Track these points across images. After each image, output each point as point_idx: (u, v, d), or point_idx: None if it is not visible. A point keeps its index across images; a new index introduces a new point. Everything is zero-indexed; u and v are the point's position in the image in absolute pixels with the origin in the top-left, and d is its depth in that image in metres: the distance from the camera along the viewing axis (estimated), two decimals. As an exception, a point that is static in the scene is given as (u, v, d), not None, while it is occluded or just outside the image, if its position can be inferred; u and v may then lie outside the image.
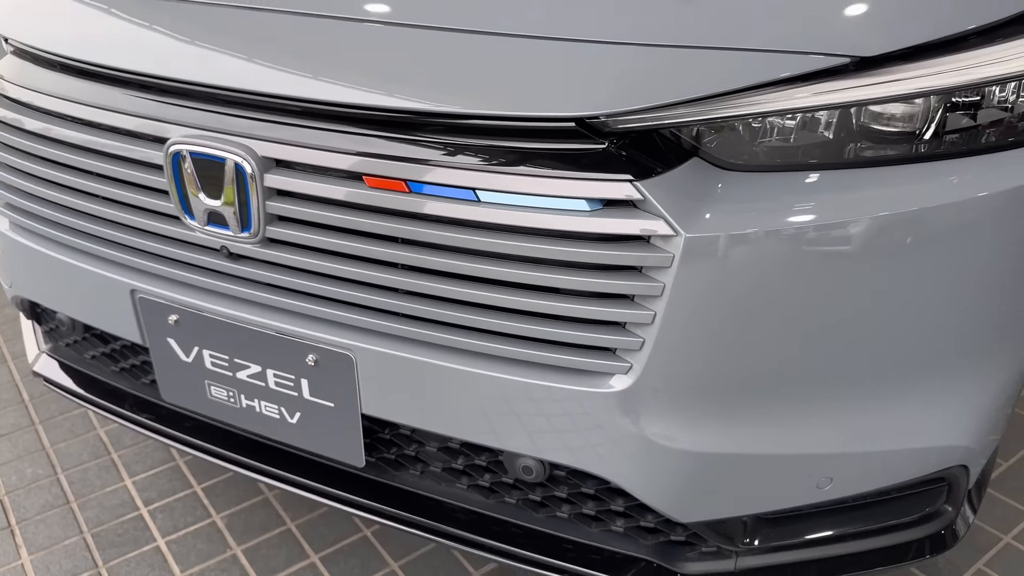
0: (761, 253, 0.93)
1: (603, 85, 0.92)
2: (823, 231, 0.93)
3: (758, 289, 0.94)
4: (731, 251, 0.92)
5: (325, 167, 1.02)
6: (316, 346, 1.12)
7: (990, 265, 1.00)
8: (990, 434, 1.17)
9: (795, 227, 0.93)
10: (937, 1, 0.97)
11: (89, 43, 1.18)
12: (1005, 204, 0.97)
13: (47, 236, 1.32)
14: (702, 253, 0.92)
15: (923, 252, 0.96)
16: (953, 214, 0.95)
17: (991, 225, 0.98)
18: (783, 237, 0.92)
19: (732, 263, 0.93)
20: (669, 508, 1.07)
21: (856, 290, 0.96)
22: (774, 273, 0.94)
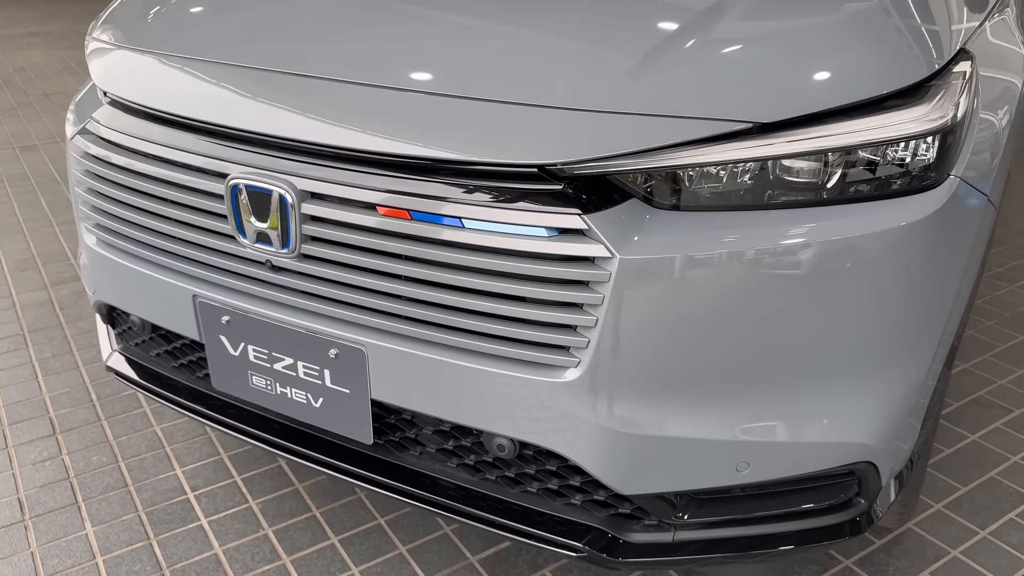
0: (679, 273, 1.19)
1: (559, 141, 1.20)
2: (727, 257, 1.18)
3: (677, 301, 1.20)
4: (655, 271, 1.18)
5: (348, 199, 1.31)
6: (336, 342, 1.40)
7: (868, 291, 1.23)
8: (896, 439, 1.39)
9: (705, 253, 1.18)
10: (819, 81, 1.23)
11: (168, 96, 1.49)
12: (876, 243, 1.21)
13: (127, 251, 1.63)
14: (633, 271, 1.18)
15: (806, 276, 1.20)
16: (831, 248, 1.20)
17: (870, 259, 1.22)
18: (696, 261, 1.18)
19: (656, 280, 1.19)
20: (612, 480, 1.31)
21: (754, 305, 1.21)
22: (689, 289, 1.19)
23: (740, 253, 1.18)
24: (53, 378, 2.61)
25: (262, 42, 1.52)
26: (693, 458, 1.30)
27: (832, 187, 1.22)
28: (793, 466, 1.33)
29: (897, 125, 1.22)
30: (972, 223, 1.35)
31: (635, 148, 1.18)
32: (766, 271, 1.20)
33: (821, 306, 1.23)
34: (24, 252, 3.52)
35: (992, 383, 2.59)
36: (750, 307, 1.22)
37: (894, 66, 1.26)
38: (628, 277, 1.18)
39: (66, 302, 3.09)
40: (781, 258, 1.20)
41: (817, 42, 1.30)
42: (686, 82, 1.23)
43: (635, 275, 1.18)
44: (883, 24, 1.34)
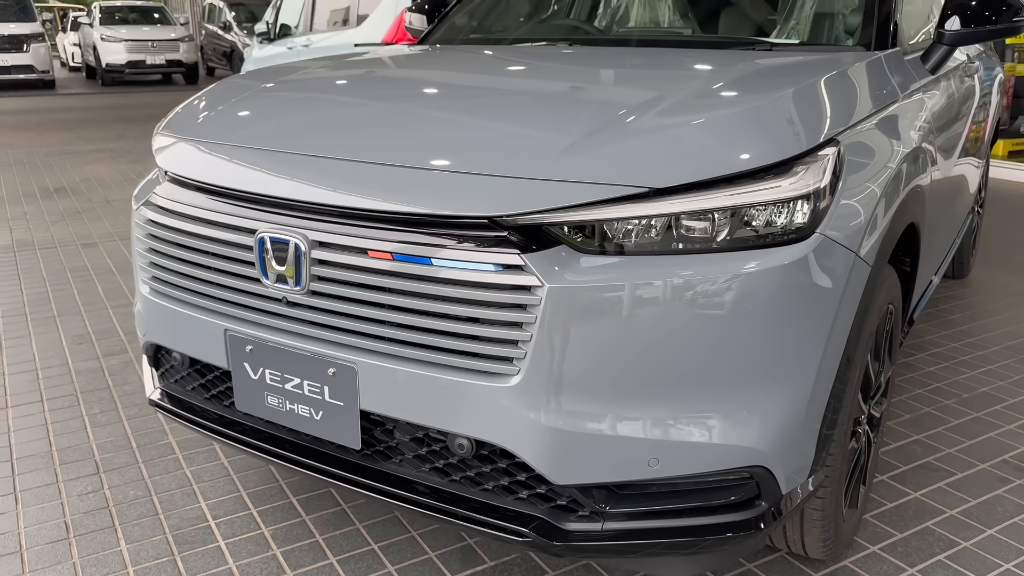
0: (594, 299, 1.54)
1: (503, 199, 1.58)
2: (633, 288, 1.54)
3: (593, 322, 1.54)
4: (575, 296, 1.54)
5: (346, 246, 1.69)
6: (334, 362, 1.75)
7: (748, 319, 1.57)
8: (787, 450, 1.68)
9: (616, 284, 1.54)
10: (703, 157, 1.61)
11: (213, 172, 1.93)
12: (754, 280, 1.56)
13: (174, 296, 2.03)
14: (558, 296, 1.53)
15: (696, 306, 1.55)
16: (717, 283, 1.54)
17: (750, 293, 1.56)
18: (607, 290, 1.54)
19: (576, 304, 1.54)
20: (548, 471, 1.62)
21: (655, 328, 1.55)
22: (603, 312, 1.54)
23: (644, 285, 1.53)
24: (100, 429, 2.98)
25: (280, 132, 1.97)
26: (613, 452, 1.61)
27: (718, 238, 1.58)
28: (697, 464, 1.63)
29: (766, 191, 1.59)
30: (839, 271, 1.69)
31: (559, 205, 1.56)
32: (664, 301, 1.55)
33: (709, 331, 1.56)
34: (81, 329, 3.96)
35: (941, 451, 2.83)
36: (652, 329, 1.56)
37: (767, 147, 1.64)
38: (555, 301, 1.54)
39: (115, 370, 3.49)
40: (677, 291, 1.55)
41: (707, 129, 1.70)
42: (601, 158, 1.62)
43: (560, 299, 1.54)
44: (763, 118, 1.73)
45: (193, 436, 2.92)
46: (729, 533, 1.67)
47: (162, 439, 2.91)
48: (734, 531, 1.67)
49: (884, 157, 1.99)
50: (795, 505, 1.76)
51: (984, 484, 2.63)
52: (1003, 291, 4.52)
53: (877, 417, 2.34)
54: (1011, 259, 5.14)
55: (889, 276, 2.11)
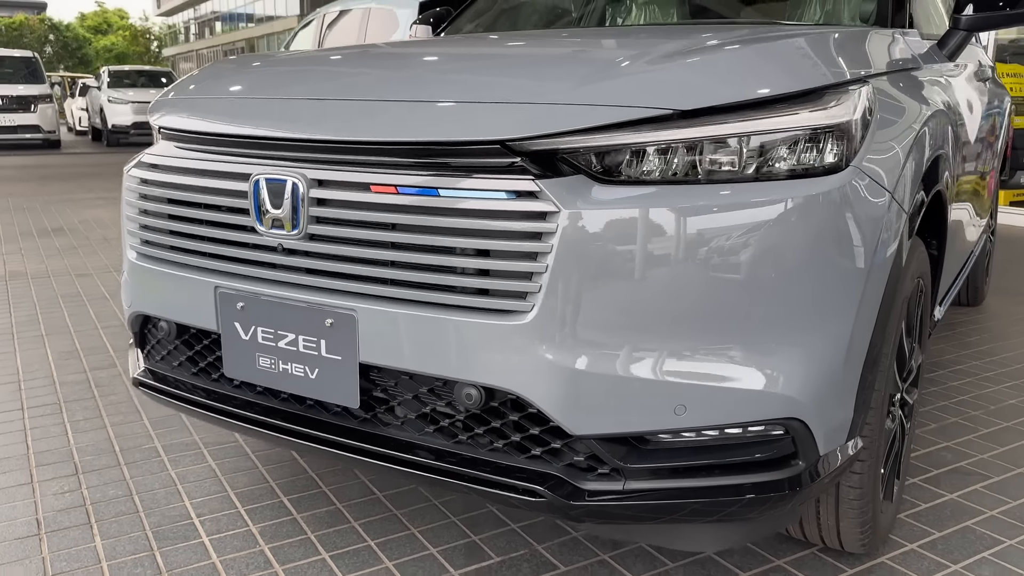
0: (616, 227, 1.42)
1: (517, 121, 1.48)
2: (658, 216, 1.42)
3: (614, 251, 1.42)
4: (594, 224, 1.42)
5: (347, 182, 1.58)
6: (332, 310, 1.62)
7: (780, 252, 1.45)
8: (824, 403, 1.54)
9: (639, 211, 1.42)
10: (733, 82, 1.52)
11: (206, 120, 1.83)
12: (786, 210, 1.44)
13: (162, 258, 1.90)
14: (575, 223, 1.42)
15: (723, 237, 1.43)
16: (746, 213, 1.43)
17: (782, 223, 1.44)
18: (630, 217, 1.42)
19: (595, 232, 1.42)
20: (565, 419, 1.47)
21: (680, 261, 1.43)
22: (624, 241, 1.42)
23: (667, 215, 1.42)
24: (82, 435, 2.81)
25: (276, 84, 1.88)
26: (635, 398, 1.46)
27: (746, 168, 1.47)
28: (727, 414, 1.49)
29: (797, 118, 1.49)
30: (874, 208, 1.58)
31: (577, 127, 1.45)
32: (689, 232, 1.43)
33: (737, 266, 1.44)
34: (69, 346, 3.82)
35: (973, 457, 2.67)
36: (676, 262, 1.43)
37: (798, 75, 1.55)
38: (572, 228, 1.42)
39: (102, 381, 3.34)
40: (702, 222, 1.43)
41: (735, 57, 1.61)
42: (623, 83, 1.53)
43: (578, 227, 1.42)
44: (791, 50, 1.64)
45: (180, 440, 2.76)
46: (764, 493, 1.51)
47: (147, 443, 2.74)
48: (768, 492, 1.52)
49: (912, 113, 1.89)
50: (834, 469, 1.60)
51: (1022, 487, 2.46)
52: (1018, 318, 4.40)
53: (910, 404, 2.19)
54: (1023, 290, 5.05)
55: (918, 246, 2.00)
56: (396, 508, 2.30)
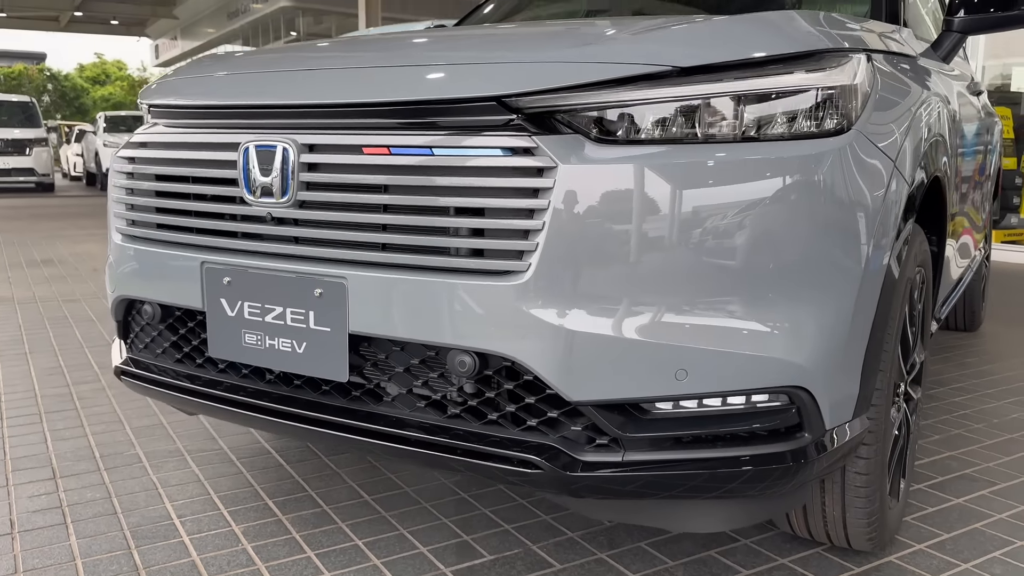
0: (614, 183, 1.39)
1: (513, 78, 1.45)
2: (652, 175, 1.38)
3: (612, 209, 1.38)
4: (592, 180, 1.38)
5: (339, 145, 1.55)
6: (322, 279, 1.57)
7: (781, 213, 1.41)
8: (830, 371, 1.48)
9: (634, 170, 1.39)
10: (734, 41, 1.49)
11: (195, 94, 1.81)
12: (787, 168, 1.41)
13: (146, 237, 1.86)
14: (573, 178, 1.38)
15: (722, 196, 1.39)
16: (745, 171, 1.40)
17: (783, 183, 1.41)
18: (626, 173, 1.38)
19: (593, 188, 1.38)
20: (563, 384, 1.41)
21: (677, 219, 1.38)
22: (623, 199, 1.39)
23: (666, 172, 1.38)
24: (61, 443, 2.72)
25: (266, 63, 1.86)
26: (636, 361, 1.41)
27: (746, 128, 1.44)
28: (730, 380, 1.43)
29: (797, 77, 1.46)
30: (877, 174, 1.55)
31: (573, 82, 1.42)
32: (688, 190, 1.40)
33: (737, 225, 1.40)
34: (52, 363, 3.73)
35: (979, 465, 2.60)
36: (674, 221, 1.39)
37: (797, 37, 1.52)
38: (569, 183, 1.38)
39: (84, 394, 3.25)
40: (702, 179, 1.40)
41: (734, 22, 1.58)
42: (621, 43, 1.51)
43: (575, 182, 1.38)
44: (790, 16, 1.61)
45: (163, 447, 2.67)
46: (767, 465, 1.45)
47: (128, 450, 2.65)
48: (772, 464, 1.45)
49: (912, 92, 1.88)
50: (840, 445, 1.54)
51: (1031, 492, 2.39)
52: (1016, 341, 4.36)
53: (914, 400, 2.14)
54: (1019, 318, 5.02)
55: (919, 234, 1.97)
56: (385, 510, 2.22)
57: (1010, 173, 9.13)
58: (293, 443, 2.71)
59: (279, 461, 2.56)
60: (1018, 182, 8.73)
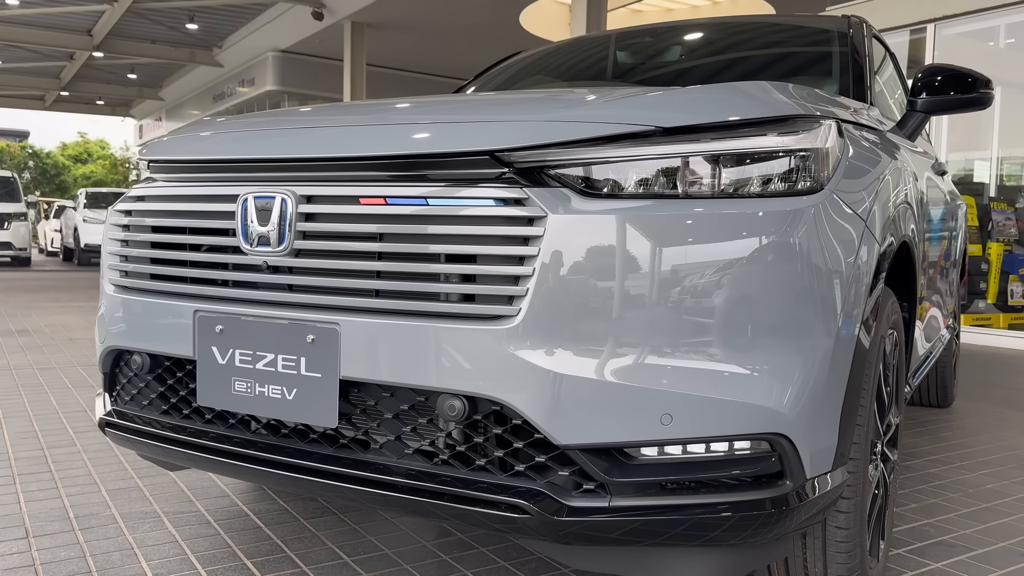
0: (599, 233, 1.45)
1: (506, 134, 1.53)
2: (639, 226, 1.45)
3: (598, 259, 1.44)
4: (580, 228, 1.45)
5: (337, 196, 1.61)
6: (314, 325, 1.61)
7: (756, 268, 1.47)
8: (809, 419, 1.53)
9: (619, 222, 1.45)
10: (713, 106, 1.59)
11: (194, 148, 1.87)
12: (763, 224, 1.48)
13: (139, 287, 1.89)
14: (562, 226, 1.44)
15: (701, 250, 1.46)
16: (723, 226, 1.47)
17: (759, 239, 1.48)
18: (613, 225, 1.45)
19: (581, 236, 1.45)
20: (550, 427, 1.44)
21: (660, 269, 1.45)
22: (607, 249, 1.45)
23: (649, 226, 1.45)
24: (35, 504, 2.68)
25: (265, 122, 1.94)
26: (622, 405, 1.44)
27: (724, 185, 1.52)
28: (713, 426, 1.47)
29: (772, 139, 1.56)
30: (851, 230, 1.63)
31: (563, 139, 1.51)
32: (670, 244, 1.46)
33: (717, 277, 1.46)
34: (27, 427, 3.68)
35: (956, 532, 2.62)
36: (656, 272, 1.45)
37: (772, 104, 1.63)
38: (558, 233, 1.45)
39: (59, 457, 3.21)
40: (684, 234, 1.47)
41: (714, 89, 1.69)
42: (607, 106, 1.60)
43: (563, 230, 1.45)
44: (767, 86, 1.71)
45: (139, 509, 2.63)
46: (750, 511, 1.48)
47: (104, 511, 2.61)
48: (754, 510, 1.48)
49: (880, 161, 1.99)
50: (820, 494, 1.57)
51: (1008, 558, 2.41)
52: (988, 417, 4.43)
53: (891, 461, 2.18)
54: (991, 395, 5.10)
55: (890, 297, 2.04)
56: (365, 571, 2.19)
57: (976, 259, 9.41)
58: (272, 505, 2.68)
59: (257, 523, 2.53)
60: (984, 268, 8.99)
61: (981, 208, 8.89)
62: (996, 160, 9.15)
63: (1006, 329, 8.36)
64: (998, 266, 8.92)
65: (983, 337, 8.02)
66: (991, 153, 9.14)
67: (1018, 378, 5.97)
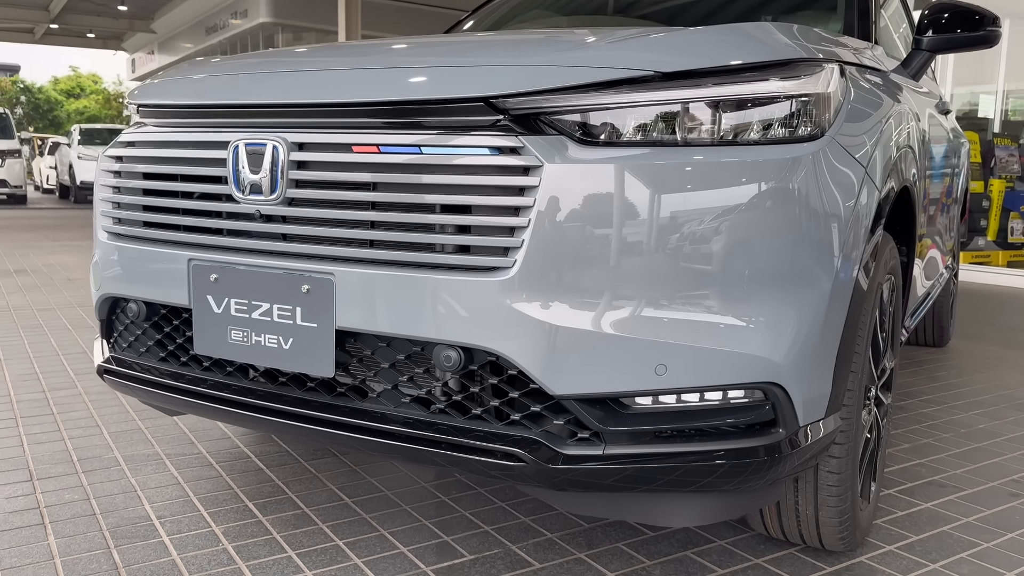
0: (596, 183, 1.43)
1: (500, 80, 1.50)
2: (633, 177, 1.43)
3: (594, 207, 1.43)
4: (575, 179, 1.43)
5: (329, 143, 1.58)
6: (309, 275, 1.60)
7: (757, 213, 1.46)
8: (803, 369, 1.53)
9: (616, 171, 1.43)
10: (713, 50, 1.55)
11: (184, 93, 1.83)
12: (762, 171, 1.46)
13: (133, 235, 1.87)
14: (557, 177, 1.42)
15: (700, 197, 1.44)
16: (723, 172, 1.45)
17: (759, 185, 1.46)
18: (609, 174, 1.43)
19: (576, 187, 1.43)
20: (546, 378, 1.45)
21: (656, 218, 1.43)
22: (604, 198, 1.43)
23: (646, 175, 1.43)
24: (38, 447, 2.71)
25: (255, 63, 1.90)
26: (617, 356, 1.45)
27: (724, 132, 1.50)
28: (707, 375, 1.47)
29: (774, 84, 1.52)
30: (848, 179, 1.61)
31: (559, 85, 1.47)
32: (668, 192, 1.45)
33: (714, 225, 1.45)
34: (28, 370, 3.70)
35: (947, 472, 2.66)
36: (654, 222, 1.44)
37: (773, 47, 1.58)
38: (554, 182, 1.43)
39: (61, 400, 3.23)
40: (681, 181, 1.45)
41: (714, 32, 1.64)
42: (605, 49, 1.56)
43: (559, 181, 1.43)
44: (768, 28, 1.67)
45: (141, 451, 2.66)
46: (743, 459, 1.49)
47: (107, 453, 2.64)
48: (747, 458, 1.50)
49: (883, 104, 1.95)
50: (813, 441, 1.59)
51: (997, 498, 2.46)
52: (984, 357, 4.46)
53: (884, 405, 2.20)
54: (986, 334, 5.13)
55: (888, 242, 2.03)
56: (366, 512, 2.23)
57: (977, 196, 9.34)
58: (273, 447, 2.71)
59: (259, 465, 2.56)
60: (985, 205, 8.94)
61: (984, 144, 8.80)
62: (1002, 95, 9.02)
63: (1005, 267, 8.35)
64: (999, 203, 8.88)
65: (981, 275, 8.02)
66: (997, 87, 9.00)
67: (1015, 317, 6.00)
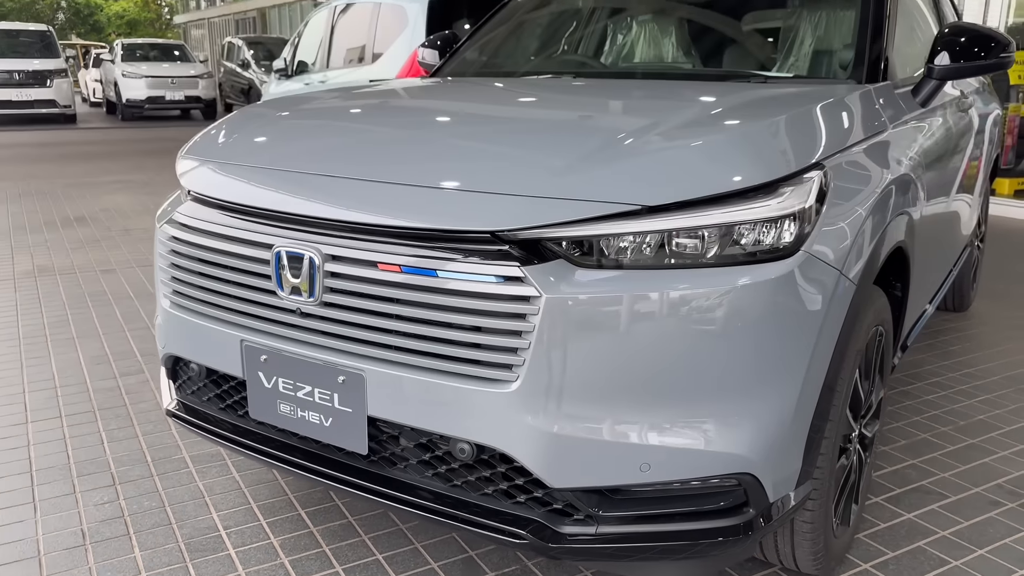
0: (590, 310, 1.64)
1: (505, 214, 1.69)
2: (626, 300, 1.63)
3: (588, 331, 1.64)
4: (571, 307, 1.63)
5: (358, 259, 1.80)
6: (344, 370, 1.85)
7: (736, 332, 1.66)
8: (774, 458, 1.76)
9: (610, 296, 1.63)
10: (694, 178, 1.71)
11: (235, 191, 2.04)
12: (742, 293, 1.65)
13: (193, 309, 2.13)
14: (555, 306, 1.63)
15: (686, 317, 1.64)
16: (706, 296, 1.64)
17: (738, 305, 1.65)
18: (602, 300, 1.63)
19: (572, 315, 1.63)
20: (545, 474, 1.70)
21: (647, 338, 1.64)
22: (597, 322, 1.64)
23: (636, 298, 1.63)
24: (116, 444, 3.07)
25: (295, 155, 2.09)
26: (606, 457, 1.69)
27: (708, 254, 1.68)
28: (686, 469, 1.71)
29: (753, 210, 1.69)
30: (824, 287, 1.79)
31: (556, 221, 1.66)
32: (655, 313, 1.65)
33: (697, 343, 1.65)
34: (99, 351, 4.07)
35: (935, 475, 2.89)
36: (643, 340, 1.65)
37: (756, 169, 1.74)
38: (551, 311, 1.63)
39: (132, 388, 3.60)
40: (667, 304, 1.65)
41: (698, 151, 1.80)
42: (597, 178, 1.73)
43: (556, 310, 1.63)
44: (752, 142, 1.83)
45: (206, 451, 3.01)
46: (719, 538, 1.74)
47: (176, 453, 3.00)
48: (723, 536, 1.74)
49: (871, 182, 2.08)
50: (783, 513, 1.82)
51: (977, 507, 2.68)
52: (1004, 324, 4.58)
53: (869, 437, 2.41)
54: (1013, 294, 5.20)
55: (878, 298, 2.20)
56: (402, 522, 2.55)
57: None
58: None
59: (309, 467, 2.89)
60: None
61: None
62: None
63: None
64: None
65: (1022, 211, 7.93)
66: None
67: (1045, 266, 6.02)
